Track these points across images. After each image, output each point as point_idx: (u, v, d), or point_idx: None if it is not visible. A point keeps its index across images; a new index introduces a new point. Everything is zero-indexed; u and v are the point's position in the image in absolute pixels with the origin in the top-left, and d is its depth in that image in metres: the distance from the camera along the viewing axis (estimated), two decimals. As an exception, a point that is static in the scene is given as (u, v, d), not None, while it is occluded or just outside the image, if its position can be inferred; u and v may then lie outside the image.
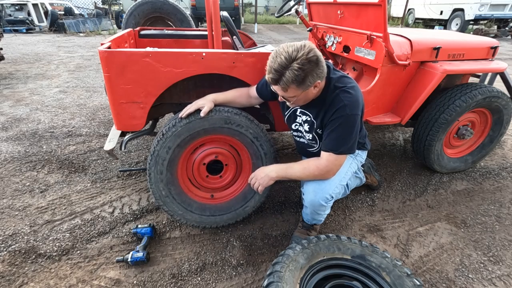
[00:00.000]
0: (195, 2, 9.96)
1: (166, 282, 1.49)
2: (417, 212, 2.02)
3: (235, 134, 1.59)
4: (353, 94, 1.34)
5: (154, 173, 1.56)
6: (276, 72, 1.22)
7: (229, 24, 2.30)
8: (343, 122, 1.33)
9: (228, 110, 1.54)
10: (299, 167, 1.46)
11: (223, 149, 1.67)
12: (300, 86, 1.25)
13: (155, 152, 1.53)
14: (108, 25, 11.99)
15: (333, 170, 1.43)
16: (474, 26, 10.87)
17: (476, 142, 2.45)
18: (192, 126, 1.50)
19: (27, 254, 1.62)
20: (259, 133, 1.61)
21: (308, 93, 1.32)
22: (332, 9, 2.45)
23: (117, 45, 1.96)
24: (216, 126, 1.54)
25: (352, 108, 1.32)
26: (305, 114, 1.51)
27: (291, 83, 1.23)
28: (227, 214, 1.76)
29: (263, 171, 1.50)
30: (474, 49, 2.19)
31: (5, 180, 2.25)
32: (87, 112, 3.58)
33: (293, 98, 1.33)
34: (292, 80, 1.21)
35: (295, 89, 1.26)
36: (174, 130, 1.50)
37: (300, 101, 1.38)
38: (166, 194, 1.62)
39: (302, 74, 1.20)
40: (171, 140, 1.51)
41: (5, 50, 6.08)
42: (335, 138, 1.36)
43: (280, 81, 1.23)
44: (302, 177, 1.48)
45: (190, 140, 1.55)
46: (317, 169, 1.42)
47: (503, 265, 1.64)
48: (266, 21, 15.74)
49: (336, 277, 1.26)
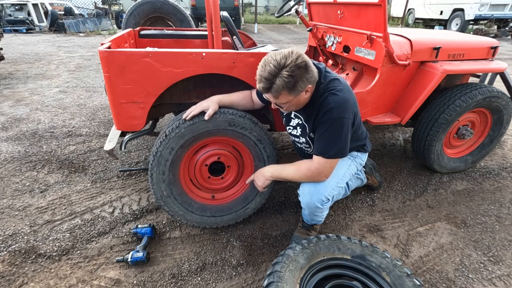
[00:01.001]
0: (195, 2, 9.96)
1: (166, 282, 1.49)
2: (417, 212, 2.02)
3: (239, 136, 1.58)
4: (340, 96, 1.33)
5: (156, 174, 1.56)
6: (266, 80, 1.23)
7: (229, 24, 2.30)
8: (330, 125, 1.33)
9: (232, 113, 1.53)
10: (292, 168, 1.48)
11: (225, 151, 1.67)
12: (291, 92, 1.26)
13: (158, 153, 1.52)
14: (108, 25, 11.99)
15: (325, 173, 1.43)
16: (474, 26, 10.87)
17: (476, 142, 2.45)
18: (196, 128, 1.50)
19: (27, 254, 1.62)
20: (263, 136, 1.61)
21: (299, 98, 1.32)
22: (332, 9, 2.45)
23: (117, 45, 1.96)
24: (220, 128, 1.53)
25: (340, 111, 1.31)
26: (297, 117, 1.52)
27: (282, 90, 1.23)
28: (227, 215, 1.76)
29: (261, 173, 1.57)
30: (474, 49, 2.19)
31: (5, 180, 2.25)
32: (87, 112, 3.58)
33: (286, 105, 1.33)
34: (283, 87, 1.22)
35: (287, 95, 1.27)
36: (177, 131, 1.49)
37: (293, 107, 1.39)
38: (167, 195, 1.62)
39: (293, 81, 1.21)
40: (174, 141, 1.51)
41: (5, 50, 6.08)
42: (324, 142, 1.37)
43: (271, 89, 1.24)
44: (296, 179, 1.50)
45: (194, 141, 1.55)
46: (308, 171, 1.43)
47: (503, 265, 1.64)
48: (266, 21, 15.74)
49: (336, 277, 1.26)
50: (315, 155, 1.41)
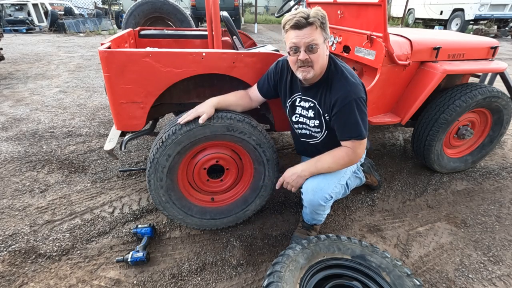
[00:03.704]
0: (195, 2, 9.95)
1: (166, 282, 1.49)
2: (417, 212, 2.02)
3: (238, 140, 1.56)
4: (354, 79, 1.40)
5: (154, 180, 1.53)
6: (301, 17, 1.25)
7: (229, 24, 2.30)
8: (351, 108, 1.36)
9: (230, 117, 1.49)
10: (327, 158, 1.46)
11: (224, 154, 1.65)
12: (323, 31, 1.30)
13: (155, 160, 1.49)
14: (108, 25, 11.99)
15: (360, 154, 1.45)
16: (474, 26, 10.87)
17: (476, 142, 2.45)
18: (193, 134, 1.47)
19: (27, 254, 1.62)
20: (262, 140, 1.58)
21: (324, 50, 1.34)
22: (332, 9, 2.45)
23: (117, 45, 1.96)
24: (218, 133, 1.50)
25: (357, 92, 1.37)
26: (307, 101, 1.50)
27: (320, 20, 1.27)
28: (227, 217, 1.75)
29: (293, 173, 1.49)
30: (474, 49, 2.19)
31: (5, 180, 2.25)
32: (87, 112, 3.58)
33: (319, 47, 1.30)
34: (320, 18, 1.26)
35: (320, 32, 1.29)
36: (174, 138, 1.46)
37: (320, 60, 1.34)
38: (166, 200, 1.60)
39: (325, 19, 1.29)
40: (171, 148, 1.47)
41: (5, 50, 6.08)
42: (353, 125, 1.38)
43: (310, 18, 1.25)
44: (333, 167, 1.46)
45: (191, 147, 1.52)
46: (346, 155, 1.43)
47: (503, 265, 1.64)
48: (266, 21, 15.74)
49: (336, 277, 1.26)
50: (347, 140, 1.42)
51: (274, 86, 1.57)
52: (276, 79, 1.56)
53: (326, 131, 1.51)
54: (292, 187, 1.51)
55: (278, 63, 1.56)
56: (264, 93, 1.60)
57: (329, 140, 1.52)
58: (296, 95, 1.54)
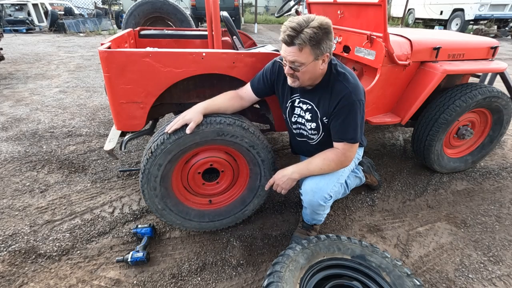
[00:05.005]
0: (195, 2, 9.95)
1: (166, 282, 1.49)
2: (417, 212, 2.02)
3: (230, 144, 1.52)
4: (354, 81, 1.38)
5: (147, 190, 1.51)
6: (293, 30, 1.20)
7: (229, 24, 2.30)
8: (350, 110, 1.36)
9: (220, 121, 1.45)
10: (318, 160, 1.45)
11: (218, 157, 1.62)
12: (314, 49, 1.24)
13: (146, 170, 1.46)
14: (108, 25, 11.98)
15: (351, 157, 1.45)
16: (474, 26, 10.87)
17: (476, 142, 2.45)
18: (183, 142, 1.43)
19: (27, 254, 1.62)
20: (255, 141, 1.54)
21: (316, 65, 1.30)
22: (332, 9, 2.45)
23: (117, 45, 1.96)
24: (208, 139, 1.46)
25: (357, 94, 1.36)
26: (305, 103, 1.50)
27: (308, 41, 1.21)
28: (226, 218, 1.74)
29: (284, 175, 1.48)
30: (474, 49, 2.19)
31: (5, 180, 2.25)
32: (87, 112, 3.58)
33: (303, 67, 1.29)
34: (310, 38, 1.20)
35: (309, 52, 1.24)
36: (163, 148, 1.42)
37: (307, 75, 1.33)
38: (162, 208, 1.59)
39: (320, 34, 1.21)
40: (161, 158, 1.44)
41: (5, 50, 6.07)
42: (347, 127, 1.38)
43: (297, 39, 1.21)
44: (324, 169, 1.45)
45: (182, 154, 1.49)
46: (336, 157, 1.43)
47: (503, 265, 1.64)
48: (266, 21, 15.73)
49: (336, 277, 1.26)
50: (339, 142, 1.42)
51: (270, 85, 1.55)
52: (273, 79, 1.54)
53: (323, 133, 1.51)
54: (282, 189, 1.49)
55: (275, 63, 1.53)
56: (258, 92, 1.56)
57: (326, 141, 1.52)
58: (295, 96, 1.53)
